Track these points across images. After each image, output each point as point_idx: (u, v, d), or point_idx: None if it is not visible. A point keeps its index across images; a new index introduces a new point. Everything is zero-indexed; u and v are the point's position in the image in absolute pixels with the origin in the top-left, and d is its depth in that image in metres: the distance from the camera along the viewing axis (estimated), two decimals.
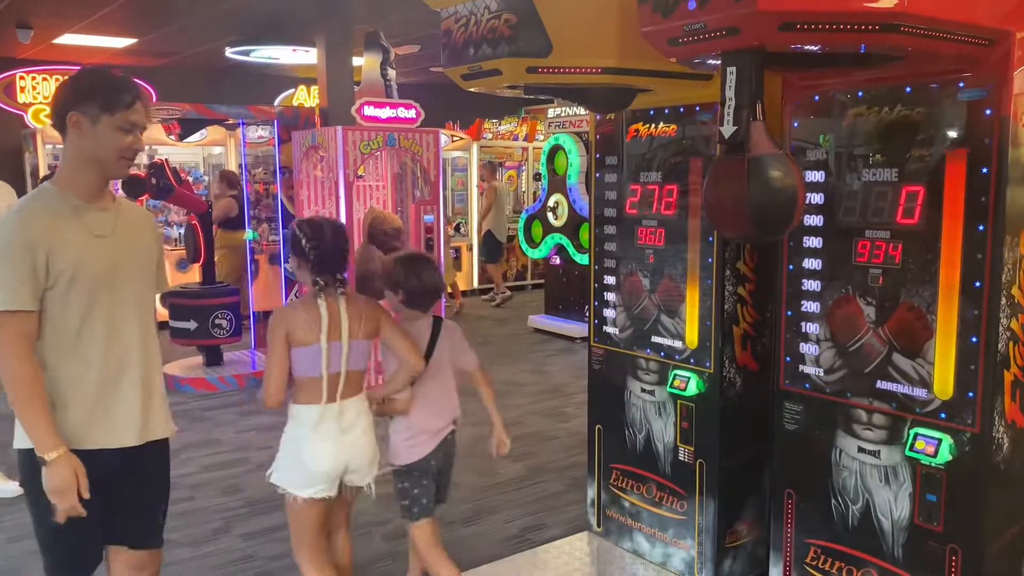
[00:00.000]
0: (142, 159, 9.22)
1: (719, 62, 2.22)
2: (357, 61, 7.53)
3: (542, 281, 9.96)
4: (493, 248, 10.62)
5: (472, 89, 2.93)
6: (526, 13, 2.54)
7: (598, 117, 3.49)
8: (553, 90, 3.10)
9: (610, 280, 3.50)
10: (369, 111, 6.18)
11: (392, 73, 6.43)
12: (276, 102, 12.64)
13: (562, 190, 8.05)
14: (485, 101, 3.22)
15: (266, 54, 9.93)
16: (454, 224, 11.13)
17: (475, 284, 11.37)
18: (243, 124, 7.34)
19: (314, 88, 12.58)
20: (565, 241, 7.99)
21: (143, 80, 9.69)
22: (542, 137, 11.53)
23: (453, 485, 3.18)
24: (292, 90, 13.09)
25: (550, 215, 8.20)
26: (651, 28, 2.24)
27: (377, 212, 6.59)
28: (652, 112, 3.25)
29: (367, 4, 7.90)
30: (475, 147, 11.85)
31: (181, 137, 7.46)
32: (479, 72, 2.75)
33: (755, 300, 3.13)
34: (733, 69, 2.17)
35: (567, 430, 5.49)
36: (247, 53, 9.81)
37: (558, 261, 8.44)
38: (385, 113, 6.24)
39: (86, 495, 2.14)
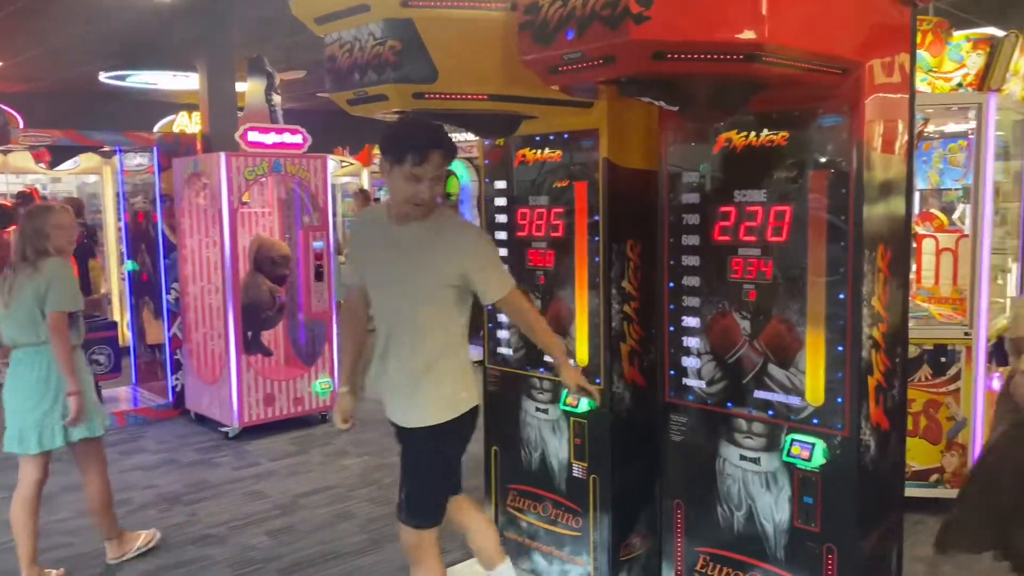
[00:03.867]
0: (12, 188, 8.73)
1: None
2: (241, 87, 7.36)
3: None
4: None
5: (359, 114, 2.93)
6: (410, 40, 2.57)
7: (487, 143, 3.55)
8: (440, 116, 3.13)
9: None
10: (254, 136, 6.05)
11: (277, 99, 6.32)
12: (155, 128, 12.24)
13: None
14: (376, 127, 3.22)
15: (143, 79, 9.60)
16: (345, 252, 10.99)
17: None
18: (120, 151, 7.05)
19: (196, 114, 12.25)
20: None
21: (10, 106, 9.25)
22: None
23: (347, 516, 3.13)
24: (173, 116, 12.71)
25: None
26: (532, 56, 2.31)
27: (263, 239, 6.46)
28: (538, 138, 3.33)
29: (249, 29, 7.78)
30: (365, 172, 11.78)
31: (51, 165, 7.11)
32: (365, 97, 2.76)
33: (640, 317, 3.23)
34: None
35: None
36: (123, 78, 9.46)
37: None
38: (271, 139, 6.12)
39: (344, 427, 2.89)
